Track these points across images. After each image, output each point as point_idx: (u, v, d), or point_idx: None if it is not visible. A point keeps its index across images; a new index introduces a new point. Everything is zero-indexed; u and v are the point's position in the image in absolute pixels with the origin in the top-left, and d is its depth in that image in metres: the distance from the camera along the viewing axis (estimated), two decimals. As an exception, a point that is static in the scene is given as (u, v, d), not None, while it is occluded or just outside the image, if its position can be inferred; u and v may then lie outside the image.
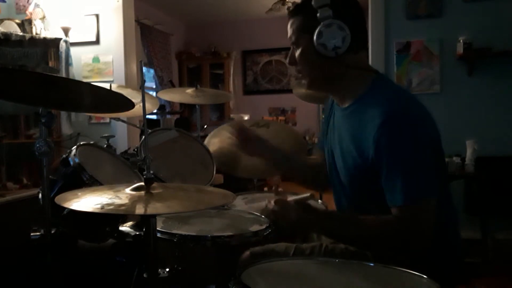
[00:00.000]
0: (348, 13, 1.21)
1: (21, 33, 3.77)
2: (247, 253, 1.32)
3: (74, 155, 1.48)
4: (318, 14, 1.18)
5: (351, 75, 1.26)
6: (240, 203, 1.83)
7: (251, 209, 1.61)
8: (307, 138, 7.20)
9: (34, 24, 3.87)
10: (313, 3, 1.18)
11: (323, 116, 1.54)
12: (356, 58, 1.25)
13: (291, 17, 1.29)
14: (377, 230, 1.15)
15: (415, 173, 1.11)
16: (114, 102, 1.41)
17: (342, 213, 1.35)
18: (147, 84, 6.20)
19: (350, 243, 1.25)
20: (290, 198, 1.37)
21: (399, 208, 1.11)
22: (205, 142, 2.12)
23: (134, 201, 1.02)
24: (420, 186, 1.11)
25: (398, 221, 1.11)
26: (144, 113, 1.22)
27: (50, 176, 1.38)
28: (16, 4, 4.11)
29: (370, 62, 3.39)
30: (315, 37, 1.19)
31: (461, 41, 3.17)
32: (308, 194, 1.45)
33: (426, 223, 1.10)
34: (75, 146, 1.54)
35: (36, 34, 3.85)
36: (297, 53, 1.29)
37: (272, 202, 1.28)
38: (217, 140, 2.18)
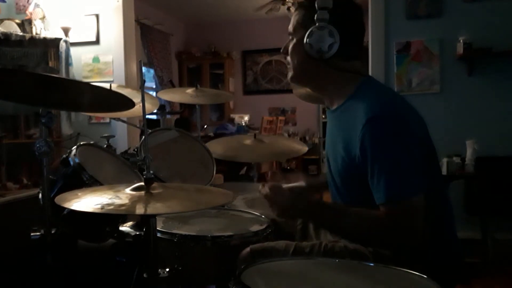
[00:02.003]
0: (345, 21, 1.22)
1: (21, 33, 3.76)
2: (247, 249, 1.32)
3: (74, 155, 1.48)
4: (316, 15, 1.19)
5: (339, 77, 1.28)
6: (240, 203, 1.83)
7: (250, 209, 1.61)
8: (307, 138, 7.21)
9: (34, 24, 3.87)
10: (316, 2, 1.19)
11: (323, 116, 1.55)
12: (346, 64, 1.26)
13: (297, 9, 1.32)
14: (366, 224, 1.15)
15: (398, 171, 1.12)
16: (114, 101, 1.42)
17: (334, 203, 1.35)
18: (147, 84, 6.21)
19: (339, 234, 1.26)
20: (285, 185, 1.36)
21: (384, 206, 1.12)
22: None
23: (134, 201, 1.02)
24: (403, 184, 1.12)
25: (386, 218, 1.12)
26: (144, 113, 1.22)
27: (50, 176, 1.38)
28: (16, 4, 4.11)
29: (370, 62, 3.39)
30: (306, 35, 1.20)
31: (461, 41, 3.17)
32: (303, 183, 1.45)
33: (412, 221, 1.11)
34: (75, 146, 1.54)
35: (36, 34, 3.85)
36: (291, 44, 1.32)
37: (266, 186, 1.27)
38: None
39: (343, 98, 1.28)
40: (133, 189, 1.07)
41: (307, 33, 1.20)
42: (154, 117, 3.10)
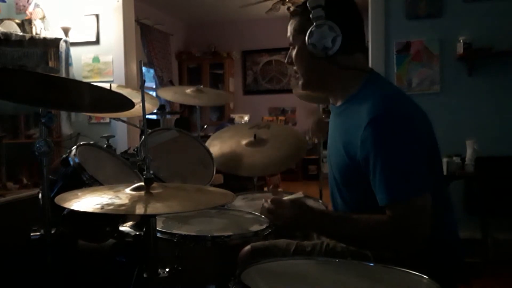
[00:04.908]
0: (341, 14, 1.22)
1: (21, 33, 3.76)
2: (248, 247, 1.32)
3: (74, 155, 1.47)
4: (311, 15, 1.19)
5: (345, 75, 1.26)
6: (240, 203, 1.83)
7: (251, 208, 1.61)
8: (307, 138, 7.22)
9: (34, 24, 3.87)
10: (308, 4, 1.19)
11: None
12: (350, 59, 1.25)
13: (291, 18, 1.31)
14: (370, 229, 1.14)
15: (400, 171, 1.11)
16: (114, 102, 1.41)
17: (337, 212, 1.35)
18: (147, 84, 6.20)
19: (345, 242, 1.25)
20: (285, 197, 1.36)
21: (388, 207, 1.11)
22: (207, 143, 2.13)
23: (134, 201, 1.02)
24: (407, 185, 1.10)
25: (390, 220, 1.11)
26: (144, 113, 1.22)
27: (50, 176, 1.38)
28: (16, 4, 4.11)
29: (370, 62, 3.39)
30: (307, 37, 1.20)
31: (461, 41, 3.17)
32: (301, 195, 1.45)
33: (417, 221, 1.10)
34: (75, 146, 1.54)
35: (36, 34, 3.85)
36: (293, 53, 1.31)
37: (268, 200, 1.27)
38: (218, 142, 2.20)
39: (347, 95, 1.27)
40: (133, 189, 1.07)
41: (307, 34, 1.19)
42: (154, 117, 3.11)
